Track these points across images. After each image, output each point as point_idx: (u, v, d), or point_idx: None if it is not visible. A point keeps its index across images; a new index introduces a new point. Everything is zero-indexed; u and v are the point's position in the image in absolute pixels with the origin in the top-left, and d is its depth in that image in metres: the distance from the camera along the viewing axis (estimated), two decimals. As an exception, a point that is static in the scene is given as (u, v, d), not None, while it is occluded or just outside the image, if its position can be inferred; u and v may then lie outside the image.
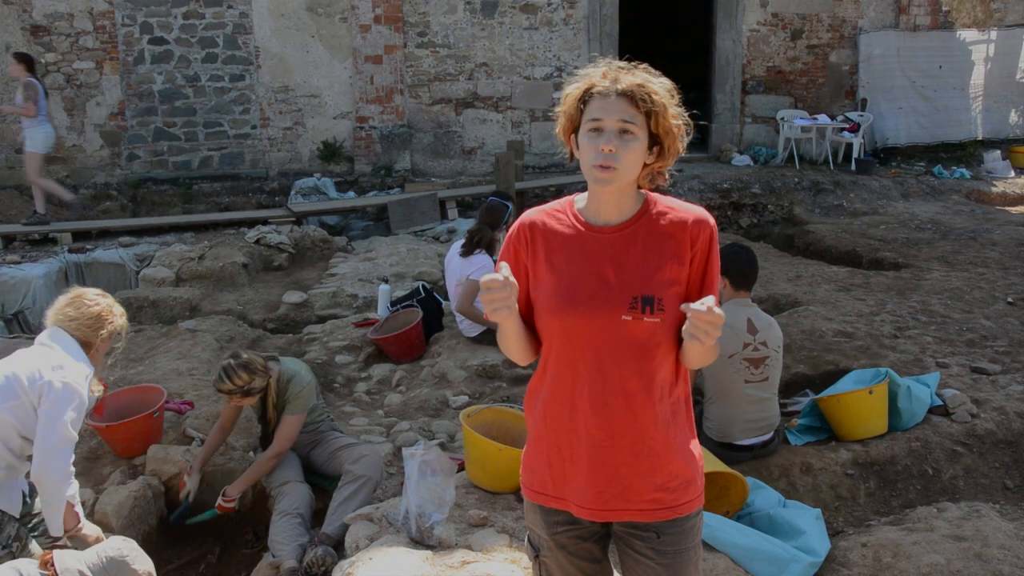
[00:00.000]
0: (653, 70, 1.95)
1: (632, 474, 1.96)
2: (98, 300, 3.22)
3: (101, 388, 3.47)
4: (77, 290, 3.25)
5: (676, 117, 1.92)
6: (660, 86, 1.91)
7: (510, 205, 5.99)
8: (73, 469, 3.03)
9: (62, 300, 3.22)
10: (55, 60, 10.86)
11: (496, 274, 1.82)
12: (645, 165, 1.95)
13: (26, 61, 8.93)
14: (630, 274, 1.93)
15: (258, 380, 3.73)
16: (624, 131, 1.87)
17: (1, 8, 10.61)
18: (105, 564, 2.65)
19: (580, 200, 2.04)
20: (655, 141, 1.92)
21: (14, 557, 2.98)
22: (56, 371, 2.99)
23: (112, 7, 10.86)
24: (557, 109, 2.00)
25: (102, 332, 3.17)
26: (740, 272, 3.95)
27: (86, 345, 3.14)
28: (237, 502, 3.90)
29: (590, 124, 1.90)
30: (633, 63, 1.96)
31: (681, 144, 1.96)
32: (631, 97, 1.86)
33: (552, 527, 2.07)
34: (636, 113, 1.87)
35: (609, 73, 1.91)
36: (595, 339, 1.93)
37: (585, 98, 1.92)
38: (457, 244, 5.85)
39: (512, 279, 1.82)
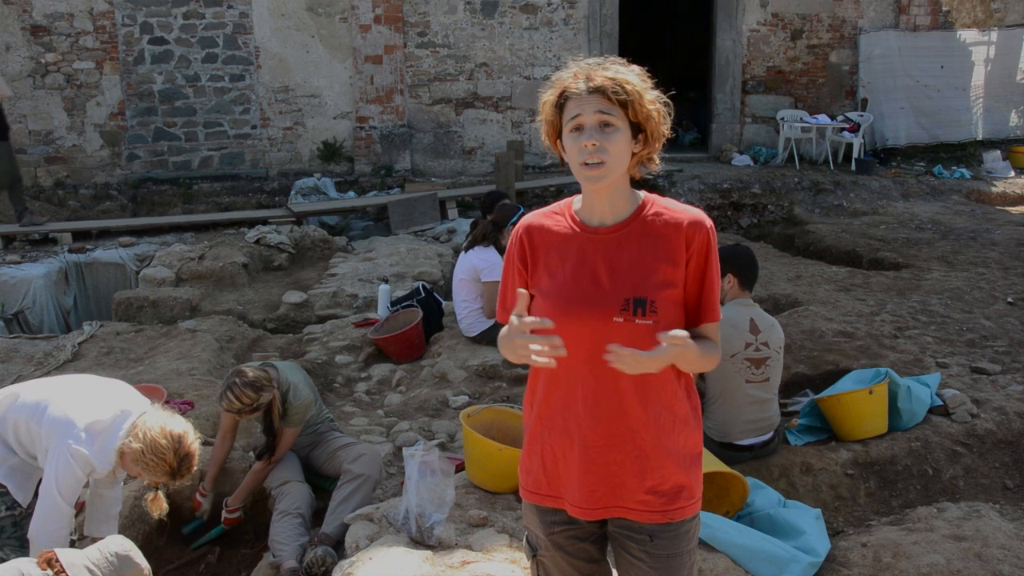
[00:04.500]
0: (622, 60, 1.96)
1: (622, 473, 1.97)
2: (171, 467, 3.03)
3: (162, 509, 3.28)
4: (179, 443, 3.02)
5: (653, 101, 1.93)
6: (631, 74, 1.92)
7: (521, 208, 5.96)
8: (68, 534, 3.02)
9: (161, 429, 3.01)
10: (55, 60, 10.87)
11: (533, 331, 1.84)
12: (633, 154, 1.95)
13: None
14: (623, 275, 1.93)
15: (264, 396, 3.70)
16: (605, 124, 1.88)
17: (1, 8, 10.61)
18: (110, 559, 2.66)
19: (577, 202, 2.05)
20: (638, 129, 1.93)
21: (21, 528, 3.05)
22: (79, 437, 2.95)
23: (112, 7, 10.86)
24: (538, 118, 2.01)
25: (136, 468, 3.05)
26: (747, 272, 3.97)
27: (121, 454, 3.05)
28: (241, 510, 3.93)
29: (571, 124, 1.91)
30: (604, 58, 1.97)
31: (664, 127, 1.96)
32: (603, 92, 1.87)
33: (549, 527, 2.08)
34: (612, 105, 1.88)
35: (580, 73, 1.92)
36: (588, 340, 1.93)
37: (560, 102, 1.94)
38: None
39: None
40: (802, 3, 12.68)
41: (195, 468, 3.13)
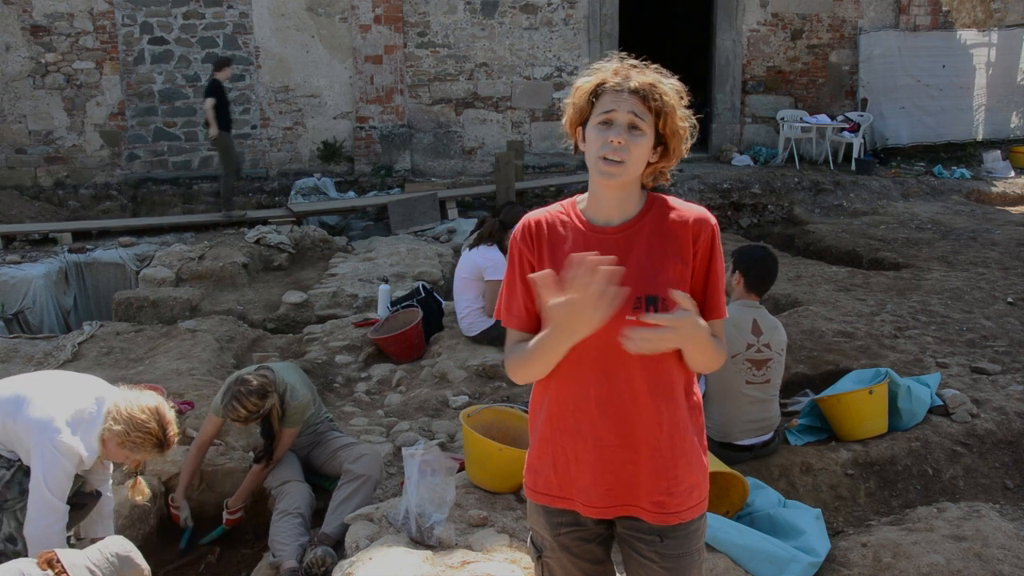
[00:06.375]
0: (664, 70, 1.96)
1: (637, 472, 1.96)
2: (154, 439, 3.05)
3: (145, 494, 3.33)
4: (158, 413, 3.06)
5: (683, 119, 1.93)
6: (670, 87, 1.93)
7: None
8: (63, 530, 3.00)
9: (137, 406, 3.03)
10: (55, 60, 10.87)
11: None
12: (649, 163, 1.95)
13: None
14: (634, 274, 1.92)
15: (269, 402, 3.71)
16: (633, 126, 1.88)
17: (1, 8, 10.61)
18: (111, 559, 2.66)
19: (582, 201, 2.04)
20: (660, 141, 1.93)
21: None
22: (63, 430, 2.95)
23: (112, 7, 10.87)
24: (566, 100, 2.01)
25: (123, 451, 3.06)
26: (758, 275, 3.94)
27: (103, 441, 3.05)
28: (242, 511, 3.92)
29: (601, 117, 1.90)
30: (645, 62, 1.97)
31: (685, 146, 1.97)
32: (642, 95, 1.88)
33: (555, 528, 2.07)
34: (646, 111, 1.88)
35: (621, 70, 1.93)
36: (600, 340, 1.91)
37: (597, 92, 1.93)
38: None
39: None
40: (802, 3, 12.68)
41: (177, 436, 3.15)
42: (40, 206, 10.49)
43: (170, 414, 3.12)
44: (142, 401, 3.07)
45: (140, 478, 3.26)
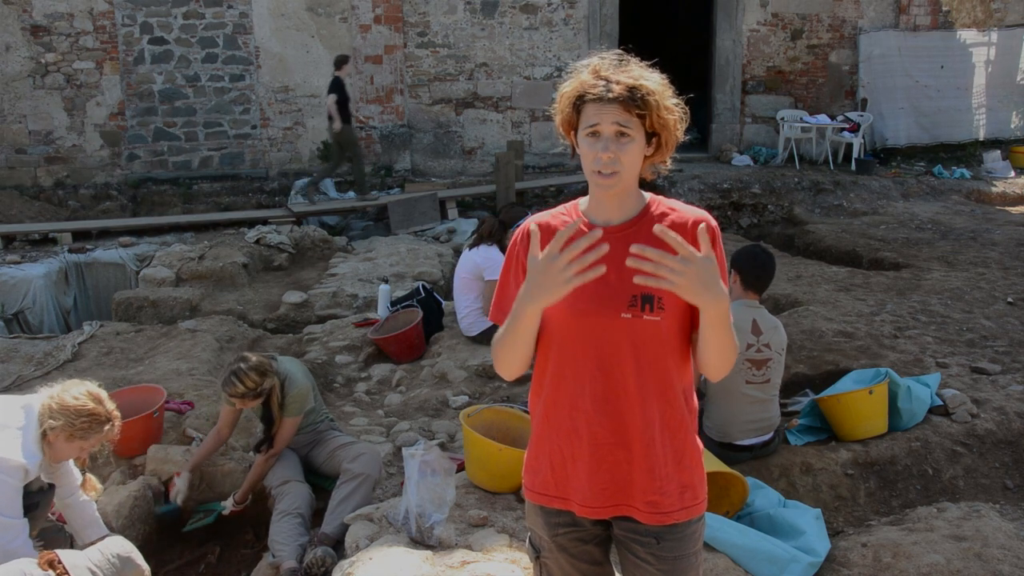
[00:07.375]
0: (643, 64, 1.94)
1: (632, 471, 1.96)
2: (95, 418, 3.01)
3: (96, 491, 3.32)
4: (90, 393, 3.04)
5: (671, 110, 1.92)
6: (653, 83, 1.90)
7: (529, 212, 5.97)
8: (26, 542, 2.93)
9: (69, 395, 3.01)
10: (55, 60, 10.87)
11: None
12: (645, 158, 1.95)
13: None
14: (630, 273, 1.92)
15: (268, 380, 3.72)
16: (621, 134, 1.88)
17: (1, 8, 10.61)
18: (112, 560, 2.67)
19: (584, 202, 2.05)
20: (652, 134, 1.93)
21: None
22: None
23: (112, 7, 10.87)
24: (554, 106, 2.01)
25: (73, 444, 3.00)
26: (753, 272, 3.94)
27: (47, 443, 3.00)
28: (246, 503, 3.93)
29: (587, 130, 1.90)
30: (624, 57, 1.94)
31: (679, 133, 1.96)
32: (623, 102, 1.86)
33: (553, 528, 2.07)
34: (630, 117, 1.87)
35: (600, 72, 1.90)
36: (596, 338, 1.93)
37: (578, 103, 1.92)
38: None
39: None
40: (802, 3, 12.68)
41: (117, 410, 3.10)
42: (40, 206, 10.49)
43: (102, 392, 3.09)
44: (71, 390, 3.03)
45: (89, 475, 3.24)
